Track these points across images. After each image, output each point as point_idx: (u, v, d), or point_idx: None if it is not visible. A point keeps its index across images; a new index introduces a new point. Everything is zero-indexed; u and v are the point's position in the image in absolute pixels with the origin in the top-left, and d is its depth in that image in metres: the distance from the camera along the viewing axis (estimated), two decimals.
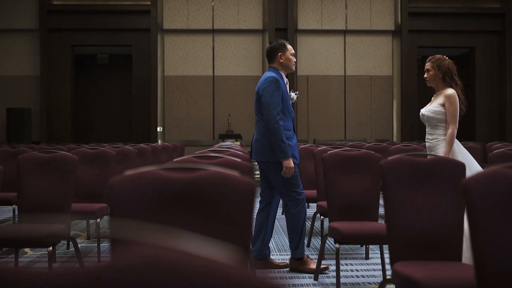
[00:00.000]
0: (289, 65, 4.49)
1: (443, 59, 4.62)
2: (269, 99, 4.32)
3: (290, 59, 4.48)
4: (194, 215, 1.72)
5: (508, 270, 1.71)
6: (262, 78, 4.50)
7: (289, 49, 4.51)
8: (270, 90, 4.33)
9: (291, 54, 4.49)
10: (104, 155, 5.31)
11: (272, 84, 4.34)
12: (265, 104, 4.34)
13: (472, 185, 1.74)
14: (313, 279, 4.23)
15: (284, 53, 4.47)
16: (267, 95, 4.33)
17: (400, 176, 2.81)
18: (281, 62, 4.46)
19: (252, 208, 1.73)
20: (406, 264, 2.62)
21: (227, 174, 1.73)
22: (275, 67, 4.49)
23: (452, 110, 4.43)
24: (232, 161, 2.88)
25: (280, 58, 4.46)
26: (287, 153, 4.29)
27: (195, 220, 1.72)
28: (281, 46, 4.49)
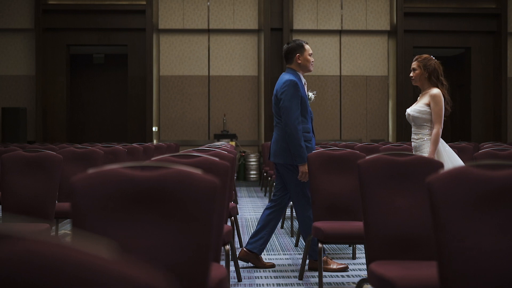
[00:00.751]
0: (307, 65, 4.46)
1: (429, 59, 4.62)
2: (288, 103, 4.30)
3: (308, 59, 4.45)
4: (156, 214, 1.72)
5: (471, 269, 1.70)
6: (280, 80, 4.47)
7: (307, 49, 4.48)
8: (289, 94, 4.31)
9: (309, 54, 4.46)
10: (92, 154, 5.30)
11: (290, 88, 4.31)
12: (284, 109, 4.33)
13: (436, 183, 1.74)
14: (298, 278, 4.23)
15: (302, 54, 4.44)
16: (286, 99, 4.31)
17: (377, 175, 2.81)
18: (299, 63, 4.44)
19: (214, 207, 1.73)
20: (381, 264, 2.62)
21: (189, 173, 1.73)
22: (293, 68, 4.46)
23: (437, 110, 4.43)
24: (210, 160, 2.88)
25: (298, 59, 4.43)
26: (304, 158, 4.28)
27: (156, 219, 1.72)
28: (299, 46, 4.46)
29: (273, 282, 4.17)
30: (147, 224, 1.70)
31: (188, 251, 1.67)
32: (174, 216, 1.70)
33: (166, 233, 1.69)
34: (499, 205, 1.76)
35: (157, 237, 1.69)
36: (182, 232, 1.69)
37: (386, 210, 2.76)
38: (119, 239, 1.69)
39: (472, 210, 1.74)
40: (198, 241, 1.69)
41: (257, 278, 4.28)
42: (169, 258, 1.66)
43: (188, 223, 1.70)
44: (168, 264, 1.67)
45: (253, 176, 13.21)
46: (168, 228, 1.70)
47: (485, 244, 1.72)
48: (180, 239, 1.69)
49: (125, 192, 1.71)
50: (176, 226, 1.70)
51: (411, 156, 2.92)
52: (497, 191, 1.76)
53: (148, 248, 1.68)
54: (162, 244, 1.67)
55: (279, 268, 4.58)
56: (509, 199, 1.76)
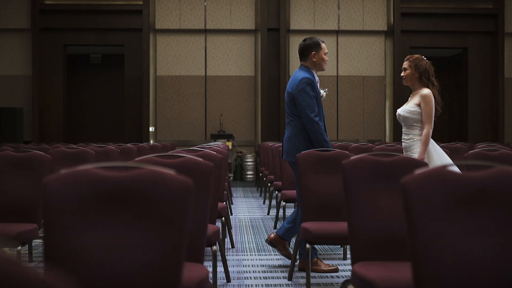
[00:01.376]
0: (322, 64, 4.45)
1: (420, 59, 4.62)
2: (306, 101, 4.30)
3: (323, 58, 4.45)
4: (128, 214, 1.71)
5: (444, 270, 1.69)
6: (294, 78, 4.45)
7: (323, 48, 4.48)
8: (306, 92, 4.30)
9: (324, 53, 4.46)
10: (82, 154, 5.30)
11: (307, 86, 4.31)
12: (302, 107, 4.32)
13: (411, 184, 1.73)
14: (287, 279, 4.22)
15: (318, 52, 4.43)
16: (304, 97, 4.31)
17: (362, 175, 2.80)
18: (314, 61, 4.43)
19: (188, 207, 1.72)
20: (365, 265, 2.61)
21: (161, 173, 1.71)
22: (307, 66, 4.45)
23: (427, 110, 4.42)
24: (193, 160, 2.87)
25: (313, 57, 4.42)
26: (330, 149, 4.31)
27: (129, 219, 1.71)
28: (315, 44, 4.47)
29: (262, 282, 4.15)
30: (119, 225, 1.69)
31: (160, 252, 1.66)
32: (146, 217, 1.69)
33: (138, 233, 1.68)
34: (475, 206, 1.75)
35: (129, 237, 1.68)
36: (154, 232, 1.68)
37: (370, 211, 2.75)
38: (91, 239, 1.68)
39: (447, 211, 1.73)
40: (170, 242, 1.68)
41: (246, 278, 4.27)
42: (141, 259, 1.65)
43: (161, 224, 1.69)
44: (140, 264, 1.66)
45: (249, 177, 13.19)
46: (140, 228, 1.69)
47: (459, 245, 1.71)
48: (152, 239, 1.68)
49: (97, 192, 1.70)
50: (149, 227, 1.68)
51: (396, 156, 2.91)
52: (473, 192, 1.75)
53: (120, 249, 1.67)
54: (134, 245, 1.66)
55: (269, 269, 4.57)
56: (485, 200, 1.75)
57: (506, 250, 1.72)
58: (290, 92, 4.43)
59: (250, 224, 6.87)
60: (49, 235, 1.67)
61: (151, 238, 1.68)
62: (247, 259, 4.93)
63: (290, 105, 4.44)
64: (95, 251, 1.67)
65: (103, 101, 16.00)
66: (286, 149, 4.49)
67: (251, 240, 5.79)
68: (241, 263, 4.75)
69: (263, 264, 4.73)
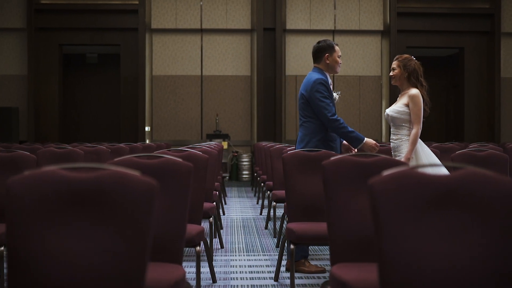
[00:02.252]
0: (335, 66, 4.49)
1: (409, 59, 4.60)
2: (322, 102, 4.33)
3: (336, 60, 4.49)
4: (91, 215, 1.69)
5: (410, 273, 1.68)
6: (307, 79, 4.48)
7: (337, 50, 4.50)
8: (320, 91, 4.34)
9: (338, 56, 4.50)
10: (71, 154, 5.28)
11: (321, 86, 4.36)
12: (318, 108, 4.35)
13: (377, 186, 1.71)
14: (273, 280, 4.20)
15: (332, 54, 4.47)
16: (320, 97, 4.34)
17: (341, 176, 2.78)
18: (327, 63, 4.47)
19: (152, 209, 1.70)
20: (342, 266, 2.59)
21: (126, 174, 1.70)
22: (320, 68, 4.49)
23: (416, 110, 4.40)
24: (171, 161, 2.85)
25: (327, 59, 4.46)
26: (360, 137, 4.40)
27: (92, 221, 1.69)
28: (329, 47, 4.49)
29: (248, 283, 4.14)
30: (82, 226, 1.67)
31: (123, 253, 1.65)
32: (109, 218, 1.68)
33: (101, 235, 1.67)
34: (443, 208, 1.73)
35: (92, 239, 1.66)
36: (117, 234, 1.67)
37: (349, 212, 2.73)
38: (53, 241, 1.66)
39: (414, 213, 1.71)
40: (134, 243, 1.66)
41: (232, 279, 4.25)
42: (104, 260, 1.64)
43: (124, 225, 1.67)
44: (103, 266, 1.65)
45: (245, 176, 13.18)
46: (103, 230, 1.67)
47: (426, 247, 1.70)
48: (115, 241, 1.66)
49: (60, 193, 1.68)
50: (112, 228, 1.67)
51: (376, 157, 2.89)
52: (441, 194, 1.73)
53: (82, 250, 1.65)
54: (97, 246, 1.65)
55: (256, 269, 4.55)
56: (453, 202, 1.73)
57: (473, 252, 1.71)
58: (304, 94, 4.46)
59: (242, 224, 6.86)
60: (12, 237, 1.65)
61: (114, 240, 1.66)
62: (236, 259, 4.92)
63: (304, 106, 4.46)
64: (57, 253, 1.65)
65: (99, 100, 15.99)
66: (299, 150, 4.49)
67: (241, 241, 5.77)
68: (228, 264, 4.73)
69: (250, 265, 4.71)
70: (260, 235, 6.10)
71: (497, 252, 1.70)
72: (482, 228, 1.72)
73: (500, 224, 1.71)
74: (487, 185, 1.73)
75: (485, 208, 1.72)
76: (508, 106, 13.87)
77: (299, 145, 4.52)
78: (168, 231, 2.72)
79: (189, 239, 3.47)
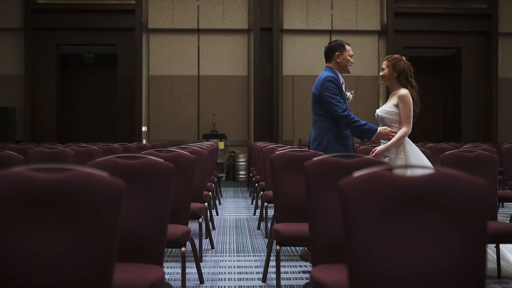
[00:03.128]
0: (346, 65, 4.55)
1: (399, 59, 4.59)
2: (331, 99, 4.37)
3: (348, 59, 4.54)
4: (58, 217, 1.68)
5: (378, 274, 1.66)
6: (318, 79, 4.52)
7: (348, 50, 4.55)
8: (330, 89, 4.37)
9: (349, 55, 4.54)
10: (62, 154, 5.27)
11: (330, 83, 4.40)
12: (328, 105, 4.39)
13: (347, 187, 1.70)
14: (261, 281, 4.19)
15: (342, 53, 4.52)
16: (328, 95, 4.37)
17: (323, 177, 2.77)
18: (338, 62, 4.52)
19: (120, 210, 1.69)
20: (323, 268, 2.58)
21: (93, 175, 1.69)
22: (331, 67, 4.53)
23: (406, 110, 4.38)
24: (153, 161, 2.84)
25: (337, 58, 4.51)
26: (373, 128, 4.40)
27: (58, 222, 1.68)
28: (339, 46, 4.54)
29: (236, 284, 4.13)
30: (48, 227, 1.66)
31: (90, 254, 1.63)
32: (76, 219, 1.66)
33: (67, 236, 1.65)
34: (413, 209, 1.72)
35: (58, 240, 1.65)
36: (83, 235, 1.65)
37: (330, 213, 2.72)
38: (18, 242, 1.65)
39: (384, 214, 1.70)
40: (100, 244, 1.65)
41: (220, 280, 4.24)
42: (70, 261, 1.62)
43: (91, 226, 1.66)
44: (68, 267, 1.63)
45: (242, 177, 13.16)
46: (69, 231, 1.66)
47: (395, 249, 1.68)
48: (81, 242, 1.65)
49: (26, 194, 1.67)
50: (78, 229, 1.66)
51: (359, 158, 2.88)
52: (411, 195, 1.72)
53: (48, 251, 1.64)
54: (63, 248, 1.64)
55: (245, 270, 4.54)
56: (422, 203, 1.72)
57: (443, 254, 1.69)
58: (315, 92, 4.51)
59: (235, 224, 6.84)
60: None
61: (80, 241, 1.65)
62: (225, 260, 4.91)
63: (316, 105, 4.53)
64: (22, 254, 1.64)
65: (97, 100, 15.98)
66: (313, 149, 4.48)
67: (232, 241, 5.76)
68: (218, 264, 4.72)
69: (240, 265, 4.70)
70: (252, 235, 6.09)
71: (467, 253, 1.69)
72: (452, 230, 1.71)
73: (470, 226, 1.70)
74: (457, 187, 1.72)
75: (456, 210, 1.71)
76: (505, 106, 13.84)
77: (312, 144, 4.55)
78: (148, 232, 2.71)
79: (174, 240, 3.46)
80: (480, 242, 1.69)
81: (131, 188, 2.75)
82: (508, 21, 13.80)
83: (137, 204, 2.71)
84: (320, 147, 4.44)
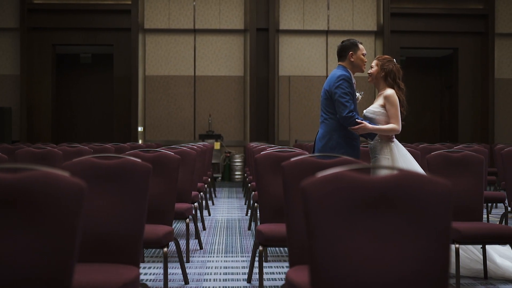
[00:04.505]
0: (360, 64, 4.50)
1: (389, 60, 4.59)
2: (341, 98, 4.29)
3: (361, 59, 4.50)
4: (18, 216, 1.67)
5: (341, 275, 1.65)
6: (332, 76, 4.44)
7: (361, 49, 4.51)
8: (342, 87, 4.31)
9: (362, 54, 4.50)
10: (49, 154, 5.26)
11: (345, 82, 4.33)
12: (337, 103, 4.30)
13: (309, 188, 1.69)
14: (246, 281, 4.18)
15: (356, 52, 4.47)
16: (339, 93, 4.30)
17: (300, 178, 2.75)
18: (351, 61, 4.47)
19: (80, 210, 1.68)
20: (298, 269, 2.56)
21: (53, 175, 1.67)
22: (345, 66, 4.47)
23: (393, 110, 4.37)
24: (130, 161, 2.83)
25: (351, 57, 4.46)
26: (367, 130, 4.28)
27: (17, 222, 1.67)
28: (353, 45, 4.50)
29: (221, 284, 4.12)
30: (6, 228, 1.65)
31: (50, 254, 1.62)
32: (36, 219, 1.65)
33: (26, 237, 1.64)
34: (376, 210, 1.71)
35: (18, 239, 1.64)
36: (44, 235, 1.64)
37: None
38: None
39: (347, 216, 1.68)
40: (61, 244, 1.64)
41: (205, 280, 4.22)
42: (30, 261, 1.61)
43: (51, 226, 1.65)
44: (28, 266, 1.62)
45: (238, 177, 13.14)
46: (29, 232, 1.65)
47: (358, 249, 1.67)
48: (41, 242, 1.64)
49: None
50: (38, 230, 1.65)
51: (337, 158, 2.87)
52: (374, 196, 1.71)
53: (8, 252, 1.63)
54: (23, 247, 1.62)
55: (231, 271, 4.53)
56: (385, 204, 1.71)
57: (406, 254, 1.68)
58: (327, 89, 4.41)
59: (226, 225, 6.83)
60: None
61: (40, 241, 1.64)
62: (213, 260, 4.89)
63: (326, 102, 4.43)
64: None
65: (94, 100, 15.97)
66: (319, 148, 4.41)
67: (221, 242, 5.74)
68: (205, 265, 4.71)
69: (226, 266, 4.69)
70: (242, 236, 6.07)
71: (430, 255, 1.68)
72: (415, 231, 1.69)
73: (433, 227, 1.69)
74: (421, 188, 1.70)
75: (418, 211, 1.70)
76: (502, 106, 13.83)
77: (319, 142, 4.45)
78: (124, 232, 2.70)
79: (155, 240, 3.45)
80: (443, 243, 1.68)
81: (107, 188, 2.74)
82: (505, 22, 13.79)
83: (112, 204, 2.70)
84: (327, 146, 4.36)
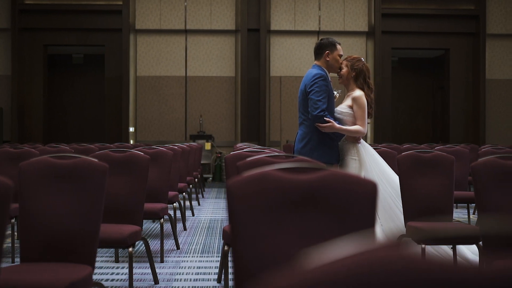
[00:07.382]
0: (335, 65, 4.44)
1: (358, 60, 4.59)
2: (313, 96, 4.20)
3: (337, 59, 4.43)
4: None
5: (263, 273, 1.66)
6: (308, 75, 4.37)
7: (338, 49, 4.45)
8: (318, 87, 4.24)
9: (339, 55, 4.44)
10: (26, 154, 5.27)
11: (320, 81, 4.26)
12: (311, 101, 4.21)
13: (233, 187, 1.70)
14: (216, 281, 4.19)
15: (332, 52, 4.42)
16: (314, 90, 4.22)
17: None
18: (327, 61, 4.41)
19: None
20: None
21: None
22: (320, 65, 4.41)
23: (360, 112, 4.37)
24: (88, 161, 2.84)
25: (327, 56, 4.40)
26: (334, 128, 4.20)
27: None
28: (330, 44, 4.45)
29: (190, 284, 4.12)
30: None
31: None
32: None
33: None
34: (302, 209, 1.72)
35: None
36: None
37: None
38: None
39: (270, 215, 1.69)
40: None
41: (175, 280, 4.23)
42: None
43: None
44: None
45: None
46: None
47: (282, 250, 1.68)
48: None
49: None
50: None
51: (295, 158, 2.88)
52: (300, 195, 1.72)
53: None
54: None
55: (204, 271, 4.54)
56: (310, 204, 1.72)
57: None
58: (303, 89, 4.34)
59: (208, 225, 6.84)
60: None
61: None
62: (187, 260, 4.91)
63: (303, 103, 4.33)
64: None
65: (85, 101, 16.00)
66: (298, 149, 4.32)
67: (200, 242, 5.76)
68: (178, 265, 4.72)
69: (200, 266, 4.70)
70: (221, 236, 6.08)
71: None
72: (339, 230, 1.70)
73: (357, 226, 1.70)
74: (346, 188, 1.71)
75: (343, 210, 1.70)
76: (493, 107, 13.84)
77: (298, 143, 4.36)
78: (79, 231, 2.71)
79: (120, 240, 3.47)
80: None
81: (62, 187, 2.76)
82: (496, 22, 13.80)
83: (67, 203, 2.71)
84: (307, 148, 4.29)
